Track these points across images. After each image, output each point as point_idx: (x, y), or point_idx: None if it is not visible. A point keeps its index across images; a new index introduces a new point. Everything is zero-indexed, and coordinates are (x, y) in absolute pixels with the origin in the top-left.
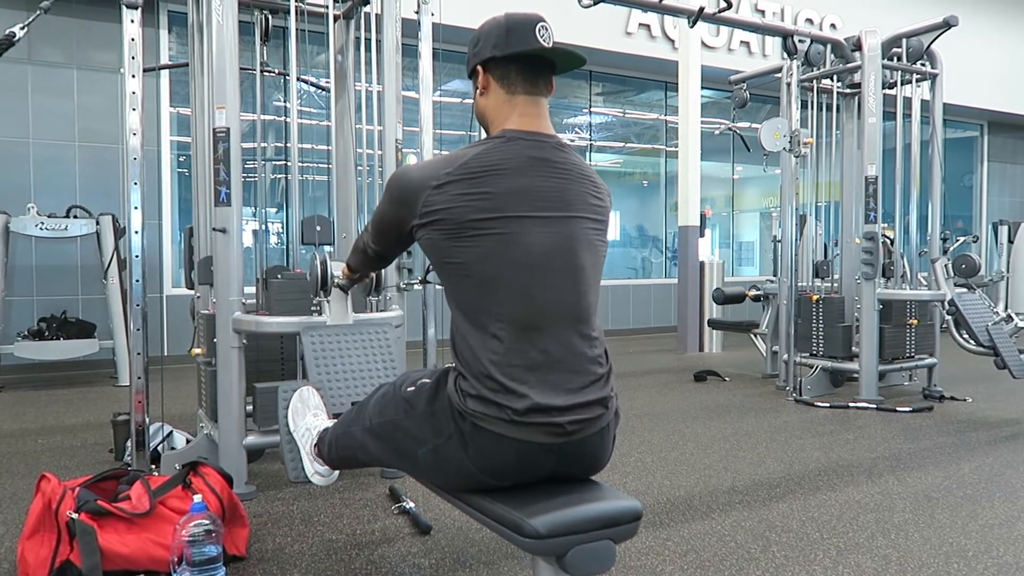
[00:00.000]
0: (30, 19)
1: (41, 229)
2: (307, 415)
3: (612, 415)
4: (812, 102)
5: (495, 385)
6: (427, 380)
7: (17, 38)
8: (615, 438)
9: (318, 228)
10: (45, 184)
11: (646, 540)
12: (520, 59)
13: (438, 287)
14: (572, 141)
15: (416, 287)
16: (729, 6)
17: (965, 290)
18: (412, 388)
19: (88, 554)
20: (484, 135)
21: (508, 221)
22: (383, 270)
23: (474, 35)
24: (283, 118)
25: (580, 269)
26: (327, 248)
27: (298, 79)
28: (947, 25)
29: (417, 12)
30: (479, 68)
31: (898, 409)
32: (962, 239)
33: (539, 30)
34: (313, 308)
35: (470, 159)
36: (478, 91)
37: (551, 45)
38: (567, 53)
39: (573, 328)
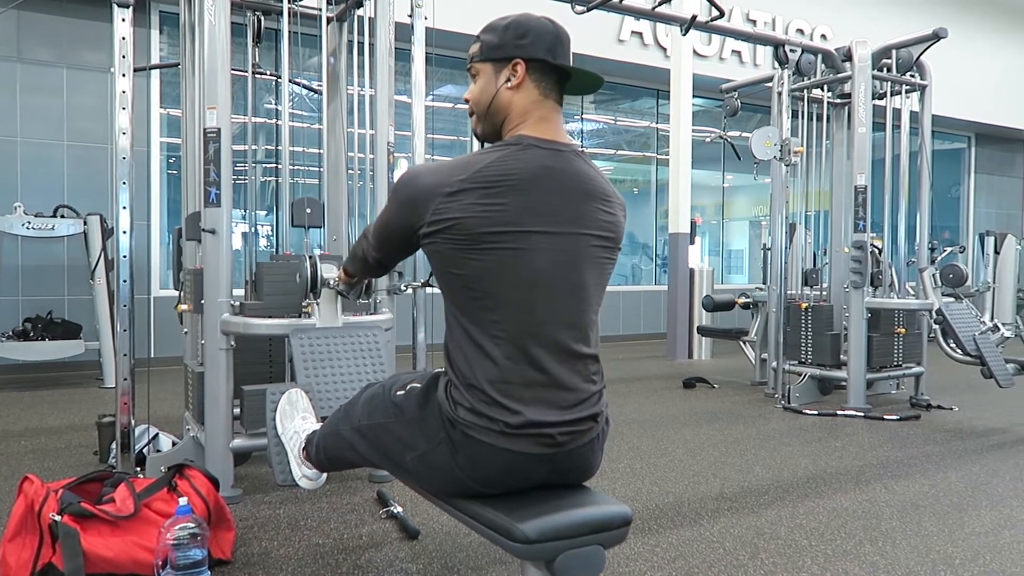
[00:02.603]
0: None
1: (28, 228)
2: (295, 418)
3: (602, 426)
4: (803, 111)
5: (489, 399)
6: (417, 384)
7: None
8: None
9: (308, 210)
10: (32, 183)
11: (635, 546)
12: (560, 71)
13: (429, 291)
14: None
15: (407, 291)
16: (721, 15)
17: (952, 300)
18: (402, 392)
19: (71, 557)
20: (479, 126)
21: (517, 236)
22: None
23: (515, 23)
24: (274, 120)
25: (583, 287)
26: (317, 251)
27: (290, 81)
28: (936, 37)
29: (410, 16)
30: (522, 61)
31: (885, 417)
32: (949, 249)
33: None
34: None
35: (484, 167)
36: (507, 82)
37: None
38: (597, 78)
39: (572, 347)
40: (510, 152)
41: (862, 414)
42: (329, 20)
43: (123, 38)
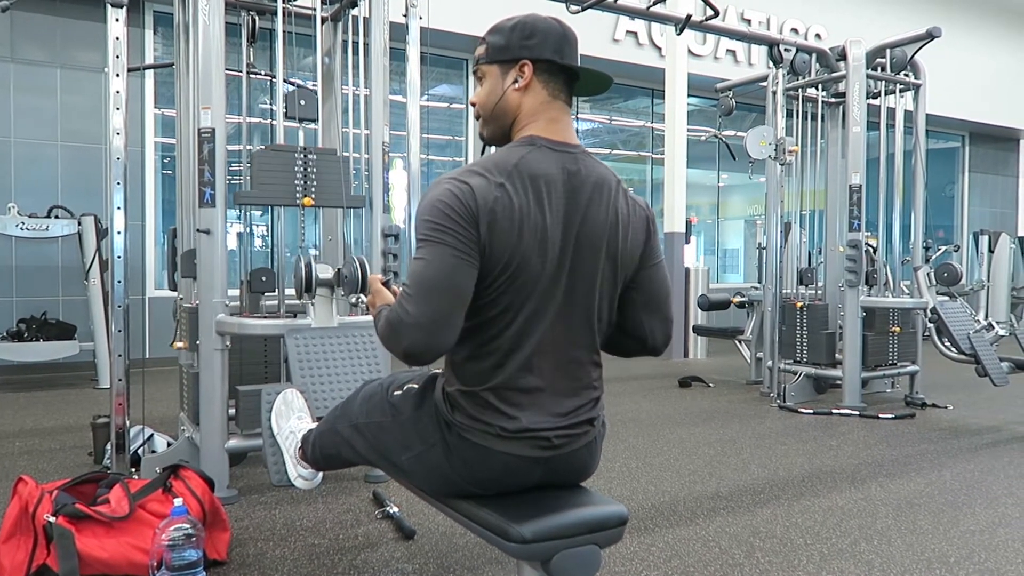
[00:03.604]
0: None
1: (22, 229)
2: (291, 418)
3: (599, 428)
4: (797, 111)
5: (486, 404)
6: (414, 385)
7: None
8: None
9: (302, 102)
10: (26, 184)
11: (631, 546)
12: (568, 71)
13: None
14: None
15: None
16: (716, 14)
17: (947, 298)
18: (399, 392)
19: (65, 558)
20: (485, 128)
21: (533, 238)
22: (366, 267)
23: (521, 24)
24: (269, 121)
25: (590, 294)
26: (312, 251)
27: (285, 81)
28: (930, 36)
29: (405, 16)
30: (529, 62)
31: (881, 416)
32: (944, 248)
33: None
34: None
35: (517, 162)
36: (514, 83)
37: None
38: (606, 78)
39: (575, 355)
40: (528, 151)
41: (857, 413)
42: (324, 20)
43: (117, 38)
